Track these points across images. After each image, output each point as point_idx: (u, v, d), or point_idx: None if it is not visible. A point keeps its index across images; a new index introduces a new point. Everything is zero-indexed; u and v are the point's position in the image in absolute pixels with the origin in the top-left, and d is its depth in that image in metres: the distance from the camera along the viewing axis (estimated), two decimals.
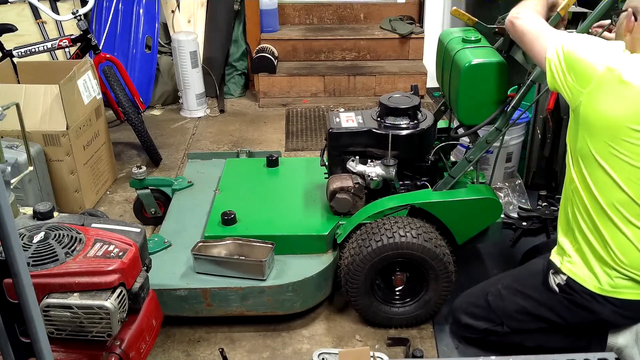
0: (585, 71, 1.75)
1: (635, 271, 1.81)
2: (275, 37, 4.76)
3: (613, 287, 1.84)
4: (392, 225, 2.19)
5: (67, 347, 1.70)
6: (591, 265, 1.86)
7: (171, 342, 2.29)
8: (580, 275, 1.88)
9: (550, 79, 1.86)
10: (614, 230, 1.80)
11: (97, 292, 1.64)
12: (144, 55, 4.36)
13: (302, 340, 2.30)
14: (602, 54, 1.75)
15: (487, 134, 2.23)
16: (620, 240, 1.80)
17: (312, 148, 3.90)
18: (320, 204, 2.52)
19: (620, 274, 1.83)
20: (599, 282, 1.85)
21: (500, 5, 3.77)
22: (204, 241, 2.33)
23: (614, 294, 1.84)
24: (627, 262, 1.81)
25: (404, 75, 4.60)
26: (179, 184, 2.85)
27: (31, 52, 3.45)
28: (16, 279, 1.08)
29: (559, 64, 1.82)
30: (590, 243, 1.85)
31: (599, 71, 1.72)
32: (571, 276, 1.89)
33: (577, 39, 1.84)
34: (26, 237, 1.71)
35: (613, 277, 1.83)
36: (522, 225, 2.81)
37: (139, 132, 3.52)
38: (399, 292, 2.32)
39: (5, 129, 2.80)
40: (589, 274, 1.87)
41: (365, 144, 2.39)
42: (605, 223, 1.81)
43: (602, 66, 1.72)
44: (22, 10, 4.29)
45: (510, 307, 2.04)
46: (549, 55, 1.84)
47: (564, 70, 1.81)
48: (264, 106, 4.59)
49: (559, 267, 1.94)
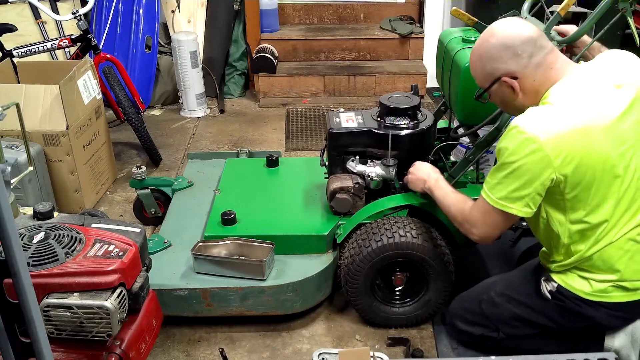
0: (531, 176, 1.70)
1: (625, 280, 1.82)
2: (275, 37, 4.76)
3: (603, 291, 1.83)
4: (392, 225, 2.19)
5: (67, 347, 1.70)
6: (578, 273, 1.86)
7: (171, 342, 2.29)
8: (569, 282, 1.87)
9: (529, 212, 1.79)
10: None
11: (97, 292, 1.64)
12: (144, 55, 4.35)
13: (302, 340, 2.30)
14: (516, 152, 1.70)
15: (487, 134, 2.23)
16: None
17: (312, 148, 3.90)
18: (320, 204, 2.52)
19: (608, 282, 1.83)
20: (590, 287, 1.84)
21: (500, 5, 3.77)
22: (204, 241, 2.33)
23: (604, 298, 1.83)
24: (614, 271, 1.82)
25: (404, 75, 4.60)
26: (179, 184, 2.85)
27: (31, 52, 3.45)
28: (16, 279, 1.08)
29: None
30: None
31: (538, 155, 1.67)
32: (561, 284, 1.88)
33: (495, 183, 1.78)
34: (26, 237, 1.71)
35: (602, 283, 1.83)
36: (522, 225, 2.80)
37: (139, 132, 3.52)
38: (399, 292, 2.32)
39: (5, 129, 2.80)
40: (578, 281, 1.86)
41: (365, 144, 2.39)
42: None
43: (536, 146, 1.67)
44: (22, 10, 4.29)
45: (505, 314, 2.02)
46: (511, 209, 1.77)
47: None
48: (264, 106, 4.59)
49: (548, 274, 1.93)
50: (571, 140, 1.68)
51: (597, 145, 1.70)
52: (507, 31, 1.78)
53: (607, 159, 1.71)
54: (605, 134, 1.71)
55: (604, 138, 1.71)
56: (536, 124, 1.69)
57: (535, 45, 1.75)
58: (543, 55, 1.76)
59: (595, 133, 1.70)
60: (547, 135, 1.66)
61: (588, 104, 1.73)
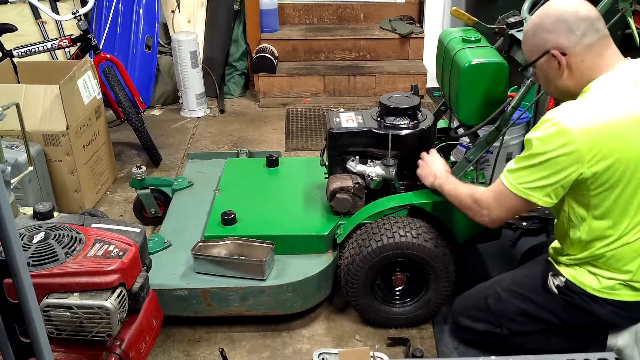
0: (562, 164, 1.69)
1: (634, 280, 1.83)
2: (275, 37, 4.76)
3: (611, 289, 1.84)
4: (392, 225, 2.19)
5: (67, 347, 1.70)
6: (589, 268, 1.87)
7: (171, 342, 2.29)
8: (578, 277, 1.88)
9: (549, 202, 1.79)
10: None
11: (97, 292, 1.64)
12: (144, 55, 4.35)
13: (302, 340, 2.30)
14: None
15: (487, 134, 2.23)
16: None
17: (312, 148, 3.90)
18: (320, 204, 2.52)
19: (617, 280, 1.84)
20: (598, 283, 1.85)
21: (500, 5, 3.77)
22: (204, 241, 2.33)
23: (612, 295, 1.84)
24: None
25: (404, 75, 4.60)
26: (179, 184, 2.84)
27: (31, 52, 3.45)
28: (16, 279, 1.08)
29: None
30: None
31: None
32: (569, 278, 1.89)
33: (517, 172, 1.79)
34: (26, 237, 1.71)
35: (611, 280, 1.84)
36: (522, 225, 2.81)
37: (139, 132, 3.52)
38: (399, 292, 2.32)
39: (5, 129, 2.80)
40: (587, 276, 1.87)
41: (365, 144, 2.39)
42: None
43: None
44: (22, 10, 4.29)
45: (510, 309, 2.03)
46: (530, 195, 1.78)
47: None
48: (264, 106, 4.59)
49: (557, 269, 1.94)
50: (606, 136, 1.66)
51: (630, 144, 1.68)
52: (566, 6, 1.76)
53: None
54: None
55: (637, 135, 1.69)
56: (572, 117, 1.67)
57: (591, 25, 1.73)
58: (596, 39, 1.73)
59: (630, 131, 1.68)
60: (582, 130, 1.65)
61: (627, 101, 1.71)
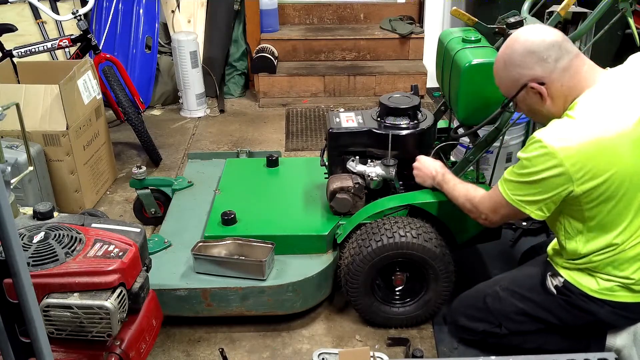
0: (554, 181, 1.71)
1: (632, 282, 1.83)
2: (275, 37, 4.76)
3: (609, 290, 1.84)
4: (392, 225, 2.19)
5: (67, 347, 1.70)
6: (587, 271, 1.87)
7: (171, 342, 2.28)
8: (576, 278, 1.89)
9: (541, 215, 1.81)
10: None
11: (97, 292, 1.64)
12: (144, 55, 4.35)
13: (302, 340, 2.30)
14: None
15: (487, 134, 2.23)
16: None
17: (312, 148, 3.90)
18: (320, 204, 2.52)
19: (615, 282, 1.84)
20: (597, 285, 1.85)
21: (500, 5, 3.78)
22: (204, 241, 2.33)
23: (610, 297, 1.85)
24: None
25: (404, 75, 4.60)
26: (179, 184, 2.84)
27: (31, 52, 3.45)
28: (16, 279, 1.08)
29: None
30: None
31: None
32: (568, 279, 1.90)
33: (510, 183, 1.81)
34: (26, 237, 1.71)
35: (609, 282, 1.84)
36: (522, 225, 2.81)
37: (139, 132, 3.52)
38: (399, 292, 2.32)
39: (5, 129, 2.80)
40: (585, 277, 1.87)
41: (365, 144, 2.39)
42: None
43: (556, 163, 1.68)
44: (22, 10, 4.29)
45: (509, 308, 2.03)
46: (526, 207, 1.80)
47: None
48: (264, 106, 4.59)
49: (556, 269, 1.94)
50: (597, 155, 1.66)
51: (623, 159, 1.68)
52: (530, 37, 1.75)
53: (636, 171, 1.70)
54: (633, 144, 1.68)
55: (630, 149, 1.69)
56: (558, 138, 1.67)
57: (561, 49, 1.73)
58: (570, 59, 1.73)
59: (622, 146, 1.68)
60: (570, 152, 1.65)
61: (613, 116, 1.70)
